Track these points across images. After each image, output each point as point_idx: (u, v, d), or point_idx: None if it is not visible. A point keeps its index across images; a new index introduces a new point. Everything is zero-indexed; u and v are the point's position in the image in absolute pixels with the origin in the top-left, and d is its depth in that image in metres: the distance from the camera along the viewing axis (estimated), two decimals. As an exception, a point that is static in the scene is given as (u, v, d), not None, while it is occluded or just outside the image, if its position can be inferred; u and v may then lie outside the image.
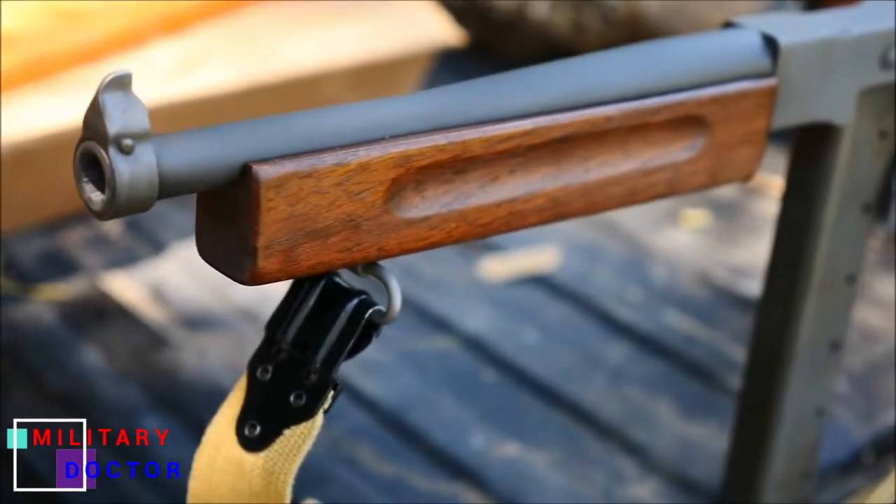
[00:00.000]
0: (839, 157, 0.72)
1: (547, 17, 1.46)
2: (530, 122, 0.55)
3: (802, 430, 0.79)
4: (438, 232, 0.54)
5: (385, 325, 0.55)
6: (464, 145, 0.53)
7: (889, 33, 0.69)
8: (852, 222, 0.75)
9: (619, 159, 0.60)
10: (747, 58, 0.64)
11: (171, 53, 1.22)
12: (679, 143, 0.62)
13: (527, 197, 0.57)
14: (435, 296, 1.09)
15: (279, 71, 1.22)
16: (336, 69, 1.24)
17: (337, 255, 0.51)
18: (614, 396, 0.97)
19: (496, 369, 1.00)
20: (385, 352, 1.01)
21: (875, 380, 1.01)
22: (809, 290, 0.75)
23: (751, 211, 1.24)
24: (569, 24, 1.45)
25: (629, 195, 0.61)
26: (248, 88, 1.20)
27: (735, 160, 0.65)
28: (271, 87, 1.20)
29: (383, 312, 0.54)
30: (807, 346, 0.77)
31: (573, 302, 1.09)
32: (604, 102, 0.58)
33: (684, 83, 0.61)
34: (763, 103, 0.64)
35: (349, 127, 0.50)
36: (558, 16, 1.45)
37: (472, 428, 0.93)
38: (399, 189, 0.52)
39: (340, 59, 1.24)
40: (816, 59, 0.66)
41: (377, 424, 0.93)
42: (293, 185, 0.49)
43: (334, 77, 1.24)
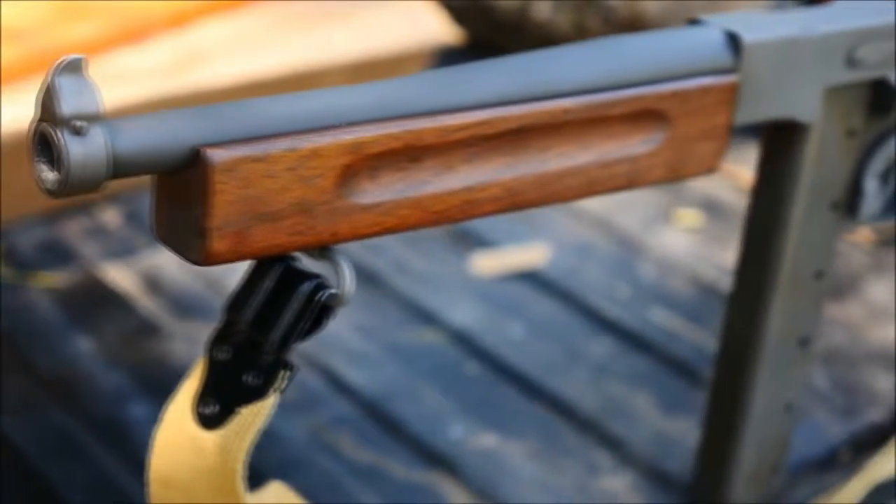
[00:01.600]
0: (806, 155, 0.73)
1: (549, 17, 1.47)
2: (485, 113, 0.57)
3: (771, 424, 0.80)
4: (392, 218, 0.56)
5: (339, 307, 0.56)
6: (417, 134, 0.55)
7: (855, 32, 0.70)
8: (820, 219, 0.76)
9: (576, 151, 0.61)
10: (709, 54, 0.65)
11: (170, 49, 1.24)
12: (638, 136, 0.63)
13: (482, 186, 0.58)
14: (425, 290, 1.10)
15: (277, 68, 1.24)
16: (334, 67, 1.26)
17: (289, 238, 0.53)
18: (594, 390, 0.98)
19: (480, 362, 1.01)
20: (371, 343, 1.03)
21: (856, 379, 1.02)
22: (777, 286, 0.76)
23: (745, 212, 1.25)
24: (570, 25, 1.46)
25: (587, 186, 0.62)
26: (245, 85, 1.22)
27: (696, 155, 0.66)
28: (269, 83, 1.22)
29: (337, 295, 0.55)
30: (775, 341, 0.78)
31: (561, 298, 1.10)
32: (561, 95, 0.59)
33: (644, 78, 0.62)
34: (725, 99, 0.65)
35: (302, 113, 0.52)
36: (560, 17, 1.47)
37: (451, 419, 0.94)
38: (352, 175, 0.54)
39: (339, 57, 1.26)
40: (780, 56, 0.68)
41: (358, 413, 0.95)
42: (244, 168, 0.50)
43: (332, 75, 1.26)
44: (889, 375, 1.02)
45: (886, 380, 1.02)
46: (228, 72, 1.21)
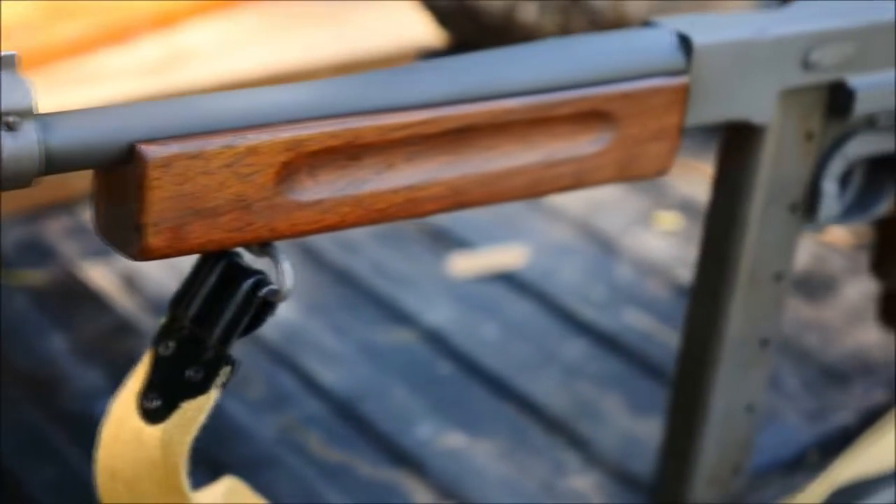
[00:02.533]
0: (763, 157, 0.73)
1: (535, 19, 1.47)
2: (427, 112, 0.57)
3: (732, 425, 0.81)
4: (332, 215, 0.56)
5: (279, 303, 0.57)
6: (357, 132, 0.55)
7: (810, 35, 0.71)
8: (779, 221, 0.76)
9: (521, 151, 0.61)
10: (660, 56, 0.66)
11: (157, 49, 1.25)
12: (585, 136, 0.64)
13: (424, 184, 0.59)
14: (401, 290, 1.11)
15: (262, 69, 1.24)
16: (318, 68, 1.27)
17: (227, 234, 0.53)
18: (565, 391, 0.99)
19: (452, 362, 1.02)
20: (345, 342, 1.03)
21: (827, 382, 1.02)
22: (736, 287, 0.77)
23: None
24: (556, 27, 1.46)
25: (533, 186, 0.62)
26: (229, 85, 1.22)
27: (646, 155, 0.66)
28: (253, 84, 1.23)
29: (276, 291, 0.56)
30: (735, 342, 0.78)
31: (536, 299, 1.11)
32: (505, 95, 0.60)
33: (591, 79, 0.63)
34: (675, 100, 0.66)
35: (239, 111, 0.53)
36: (546, 19, 1.47)
37: (420, 418, 0.95)
38: (291, 172, 0.54)
39: (323, 59, 1.27)
40: (732, 59, 0.68)
41: (328, 412, 0.95)
42: (180, 165, 0.51)
43: (316, 76, 1.27)
44: (861, 378, 1.02)
45: (858, 383, 1.02)
46: (213, 72, 1.22)
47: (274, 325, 1.05)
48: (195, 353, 0.56)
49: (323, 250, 1.16)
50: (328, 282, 1.12)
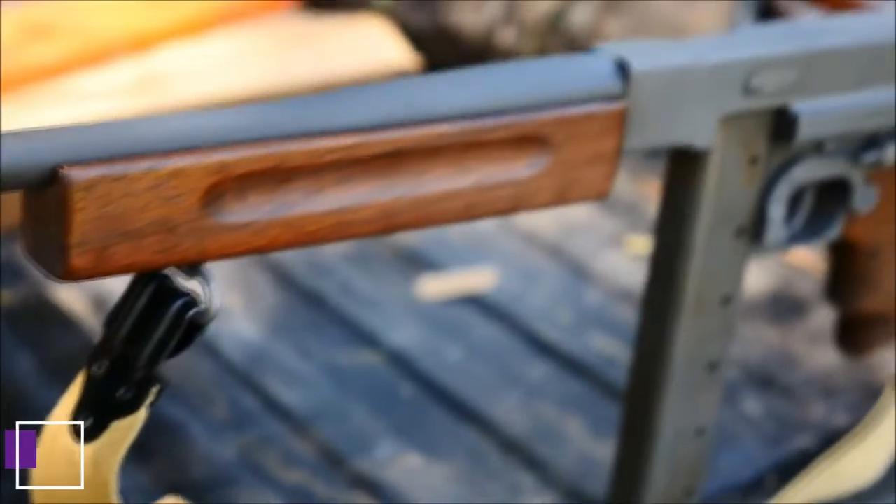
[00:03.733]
0: (706, 181, 0.74)
1: (513, 44, 1.48)
2: (356, 136, 0.58)
3: (682, 448, 0.81)
4: (261, 238, 0.57)
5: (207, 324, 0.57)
6: (284, 156, 0.56)
7: (750, 61, 0.71)
8: (725, 245, 0.77)
9: (455, 175, 0.62)
10: (597, 81, 0.66)
11: (134, 71, 1.26)
12: (521, 160, 0.64)
13: (356, 208, 0.59)
14: (368, 312, 1.12)
15: (236, 91, 1.25)
16: (293, 90, 1.27)
17: (153, 255, 0.54)
18: (526, 414, 0.99)
19: (415, 384, 1.02)
20: (309, 363, 1.04)
21: (788, 406, 1.02)
22: (683, 311, 0.77)
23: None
24: (534, 52, 1.48)
25: (468, 209, 0.63)
26: (205, 107, 1.23)
27: (584, 179, 0.67)
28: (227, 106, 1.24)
29: (205, 313, 0.57)
30: (683, 365, 0.79)
31: (502, 322, 1.11)
32: (437, 120, 0.61)
33: (526, 104, 0.64)
34: (612, 125, 0.67)
35: (164, 134, 0.53)
36: (524, 43, 1.48)
37: (379, 439, 0.95)
38: (218, 195, 0.55)
39: (298, 81, 1.28)
40: (671, 84, 0.69)
41: (288, 432, 0.96)
42: (104, 187, 0.52)
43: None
44: (823, 402, 1.03)
45: (820, 408, 1.02)
46: (188, 94, 1.23)
47: (239, 346, 1.06)
48: (126, 372, 0.57)
49: (293, 271, 1.17)
50: (296, 303, 1.13)
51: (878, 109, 0.77)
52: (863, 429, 0.96)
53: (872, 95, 0.77)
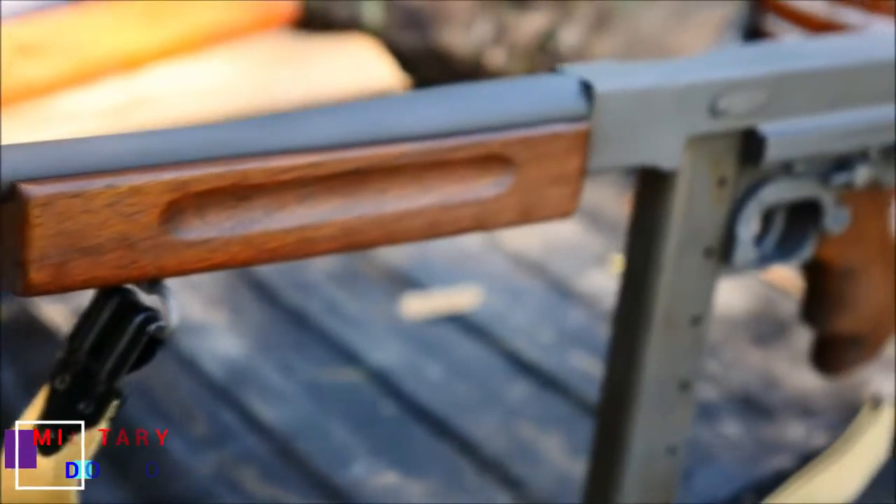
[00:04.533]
0: (674, 201, 0.75)
1: (503, 65, 1.49)
2: (316, 155, 0.59)
3: (654, 467, 0.81)
4: (221, 254, 0.57)
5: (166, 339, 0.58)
6: (244, 174, 0.57)
7: (717, 83, 0.72)
8: (694, 265, 0.77)
9: (417, 193, 0.63)
10: (561, 102, 0.67)
11: (121, 90, 1.27)
12: (484, 180, 0.65)
13: (317, 225, 0.60)
14: (352, 330, 1.12)
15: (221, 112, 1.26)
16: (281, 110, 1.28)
17: (112, 271, 0.55)
18: (504, 432, 1.00)
19: (395, 402, 1.03)
20: (290, 381, 1.04)
21: (767, 426, 1.02)
22: (652, 330, 0.78)
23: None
24: (524, 73, 1.49)
25: (430, 228, 0.64)
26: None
27: (548, 199, 0.67)
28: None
29: (164, 328, 0.57)
30: (653, 384, 0.79)
31: (484, 341, 1.12)
32: (399, 140, 0.61)
33: (489, 124, 0.64)
34: (576, 146, 0.67)
35: (124, 152, 0.54)
36: (514, 64, 1.49)
37: (356, 456, 0.96)
38: (177, 212, 0.56)
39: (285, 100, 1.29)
40: (636, 105, 0.69)
41: (266, 449, 0.96)
42: (62, 204, 0.52)
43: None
44: (802, 422, 1.03)
45: (799, 428, 1.03)
46: (174, 113, 1.24)
47: (221, 363, 1.06)
48: (87, 387, 0.58)
49: (278, 289, 1.17)
50: (280, 321, 1.13)
51: (847, 131, 0.78)
52: (838, 448, 0.96)
53: (842, 117, 0.78)
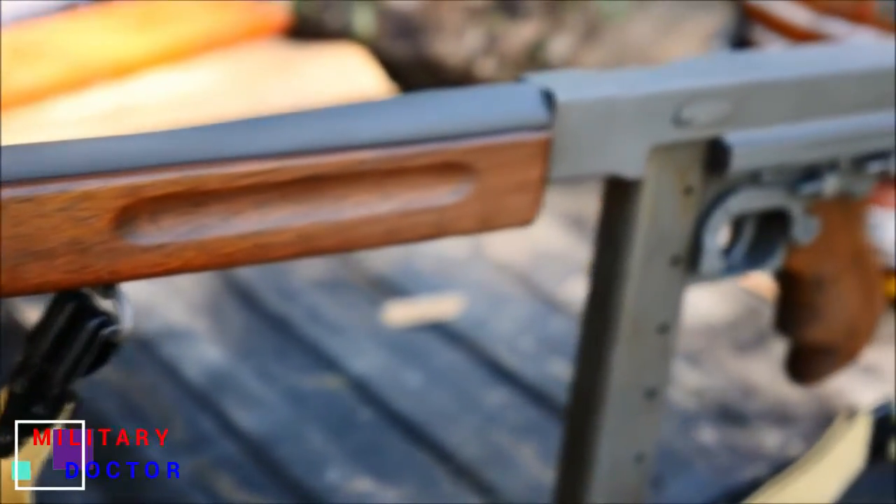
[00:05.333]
0: (640, 210, 0.75)
1: (493, 75, 1.50)
2: (272, 162, 0.59)
3: (621, 475, 0.82)
4: (175, 259, 0.58)
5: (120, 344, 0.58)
6: (199, 180, 0.57)
7: (680, 93, 0.72)
8: (660, 274, 0.78)
9: (376, 200, 0.63)
10: (522, 111, 0.67)
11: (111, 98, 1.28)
12: (444, 187, 0.65)
13: (274, 231, 0.60)
14: (333, 337, 1.13)
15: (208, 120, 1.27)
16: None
17: (64, 275, 0.55)
18: (480, 439, 1.00)
19: (373, 409, 1.03)
20: (269, 387, 1.05)
21: (743, 435, 1.03)
22: (618, 338, 0.78)
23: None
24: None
25: (389, 234, 0.64)
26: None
27: (508, 207, 0.68)
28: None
29: (118, 332, 0.58)
30: (620, 392, 0.80)
31: (465, 348, 1.12)
32: (358, 147, 0.62)
33: (449, 132, 0.65)
34: (536, 154, 0.68)
35: (77, 157, 0.55)
36: (504, 74, 1.50)
37: (332, 463, 0.96)
38: (131, 217, 0.56)
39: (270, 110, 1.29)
40: (598, 115, 0.70)
41: (243, 455, 0.97)
42: (14, 208, 0.53)
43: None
44: (779, 432, 1.03)
45: (774, 436, 1.03)
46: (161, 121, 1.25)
47: (201, 368, 1.07)
48: (43, 390, 0.58)
49: (261, 296, 1.18)
50: (262, 327, 1.14)
51: (815, 142, 0.78)
52: (812, 457, 0.96)
53: (810, 128, 0.78)
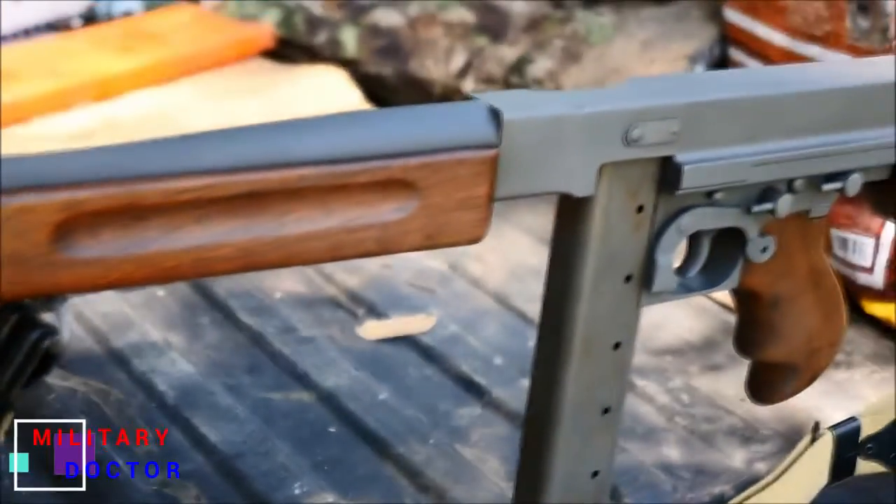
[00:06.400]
0: (591, 228, 0.76)
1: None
2: (213, 178, 0.60)
3: (577, 490, 0.82)
4: (116, 272, 0.59)
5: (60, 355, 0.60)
6: (139, 195, 0.58)
7: (630, 112, 0.73)
8: (614, 292, 0.78)
9: (319, 216, 0.64)
10: (468, 129, 0.68)
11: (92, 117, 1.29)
12: (387, 204, 0.66)
13: (215, 245, 0.61)
14: (307, 353, 1.14)
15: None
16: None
17: (5, 288, 0.56)
18: (446, 454, 1.01)
19: (342, 423, 1.04)
20: (240, 402, 1.06)
21: (708, 453, 1.03)
22: (572, 355, 0.79)
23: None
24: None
25: (332, 250, 0.65)
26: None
27: (455, 224, 0.69)
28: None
29: (58, 343, 0.59)
30: (574, 409, 0.80)
31: (437, 364, 1.13)
32: (299, 164, 0.63)
33: (392, 149, 0.66)
34: (482, 172, 0.68)
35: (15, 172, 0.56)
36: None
37: (297, 477, 0.97)
38: (70, 231, 0.57)
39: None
40: (546, 133, 0.70)
41: (210, 468, 0.98)
42: (-49, 222, 0.54)
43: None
44: (744, 451, 1.04)
45: (741, 455, 1.03)
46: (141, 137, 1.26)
47: (173, 382, 1.08)
48: (-15, 400, 0.60)
49: (238, 312, 1.19)
50: (237, 342, 1.15)
51: (768, 161, 0.79)
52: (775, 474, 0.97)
53: (763, 147, 0.79)
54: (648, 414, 1.08)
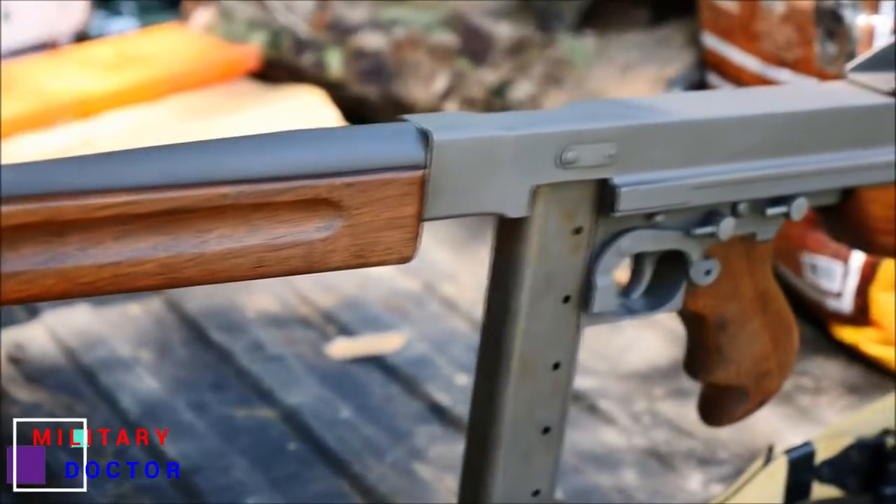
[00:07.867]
0: (527, 248, 0.76)
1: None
2: (132, 195, 0.62)
3: (518, 509, 0.83)
4: (35, 287, 0.60)
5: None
6: (57, 210, 0.60)
7: (563, 135, 0.74)
8: (552, 312, 0.79)
9: (242, 233, 0.65)
10: (395, 149, 0.69)
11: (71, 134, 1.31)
12: (312, 222, 0.67)
13: (135, 261, 0.62)
14: (274, 371, 1.15)
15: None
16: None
17: (-75, 301, 0.58)
18: (404, 473, 1.01)
19: (302, 441, 1.05)
20: (202, 417, 1.07)
21: (666, 476, 1.04)
22: (510, 375, 0.79)
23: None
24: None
25: (256, 267, 0.66)
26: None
27: (383, 243, 0.69)
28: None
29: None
30: (513, 428, 0.81)
31: (401, 384, 1.14)
32: (222, 182, 0.64)
33: (317, 169, 0.67)
34: (410, 192, 0.69)
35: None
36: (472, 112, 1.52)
37: (252, 493, 0.98)
38: (-11, 245, 0.59)
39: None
40: (477, 154, 0.71)
41: (166, 483, 0.99)
42: None
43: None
44: (701, 474, 1.04)
45: (697, 479, 1.04)
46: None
47: (137, 398, 1.09)
48: None
49: (207, 329, 1.20)
50: (205, 359, 1.16)
51: (708, 185, 0.80)
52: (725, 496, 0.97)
53: (703, 170, 0.79)
54: (608, 436, 1.08)
